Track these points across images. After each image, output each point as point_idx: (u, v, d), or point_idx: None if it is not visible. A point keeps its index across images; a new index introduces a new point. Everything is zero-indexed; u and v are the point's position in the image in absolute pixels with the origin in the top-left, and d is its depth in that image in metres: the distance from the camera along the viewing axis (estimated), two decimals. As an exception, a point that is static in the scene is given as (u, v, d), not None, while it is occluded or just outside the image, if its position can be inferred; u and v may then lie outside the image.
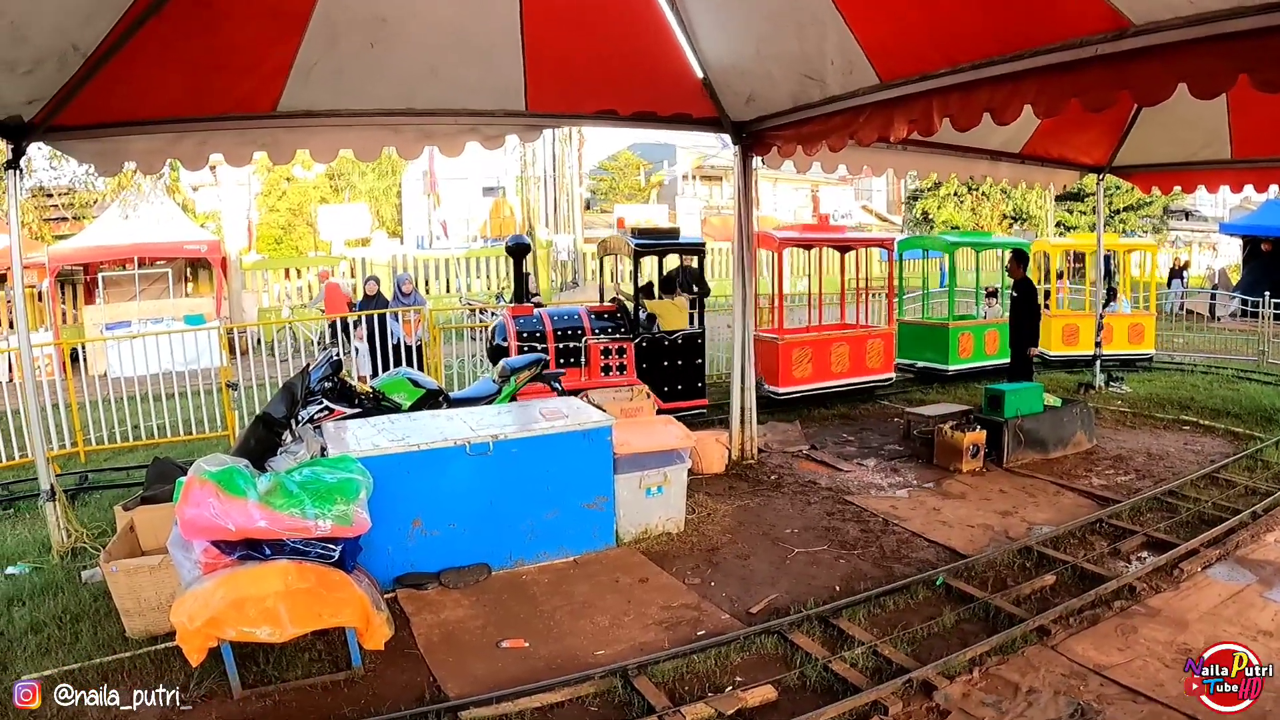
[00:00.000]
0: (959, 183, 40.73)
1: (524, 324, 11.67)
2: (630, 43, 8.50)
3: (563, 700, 5.28)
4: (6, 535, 9.06)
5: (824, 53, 7.72)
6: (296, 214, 41.62)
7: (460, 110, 8.84)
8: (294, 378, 8.09)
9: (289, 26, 7.62)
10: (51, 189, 29.97)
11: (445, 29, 7.97)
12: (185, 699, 5.49)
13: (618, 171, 51.97)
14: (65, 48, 6.97)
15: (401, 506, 6.81)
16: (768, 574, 7.09)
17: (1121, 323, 17.54)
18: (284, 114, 8.39)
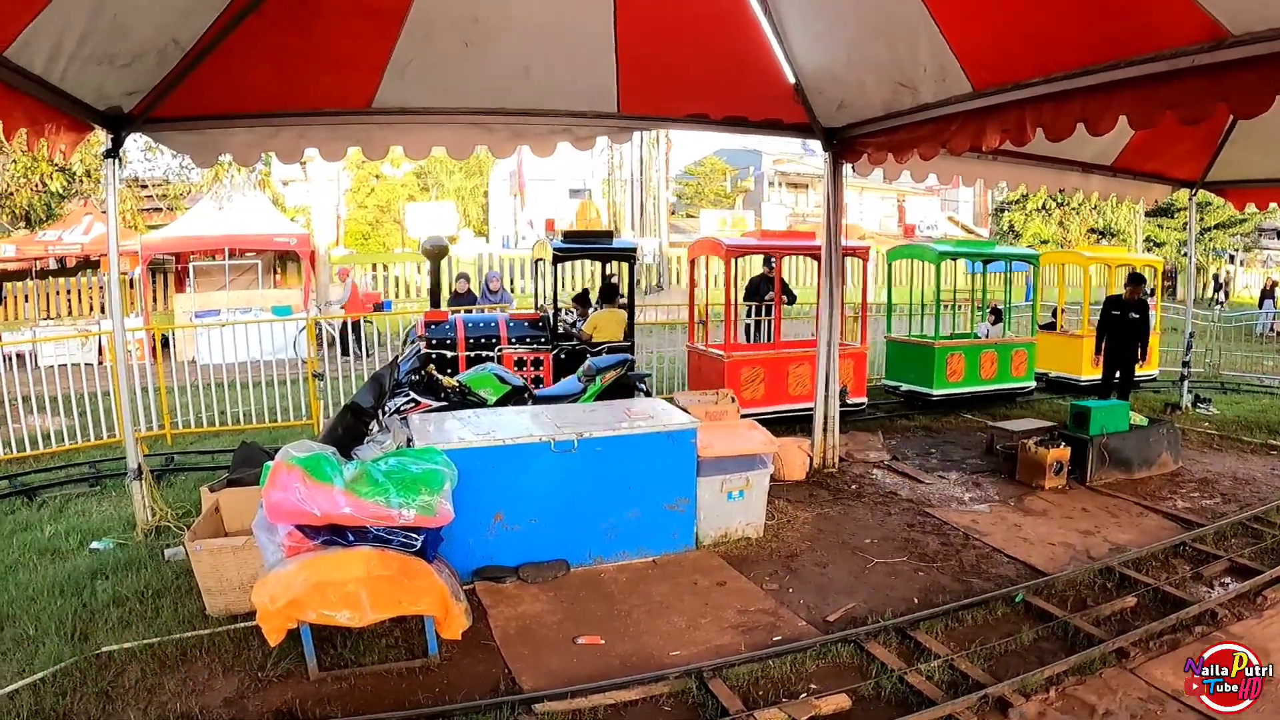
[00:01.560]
0: (1048, 196, 40.13)
1: (435, 331, 11.37)
2: (723, 47, 8.48)
3: (637, 699, 5.28)
4: (92, 511, 9.31)
5: (917, 60, 7.66)
6: (384, 211, 42.26)
7: (552, 111, 8.91)
8: (383, 369, 8.18)
9: (385, 25, 7.74)
10: (146, 180, 30.59)
11: (539, 30, 8.04)
12: (262, 677, 5.61)
13: (703, 176, 52.06)
14: (165, 42, 7.13)
15: (484, 500, 6.86)
16: (846, 583, 7.04)
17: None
18: (378, 110, 8.53)
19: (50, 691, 5.50)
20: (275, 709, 5.27)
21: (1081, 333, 16.16)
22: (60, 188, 25.61)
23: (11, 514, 9.40)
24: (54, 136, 7.09)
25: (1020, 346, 14.92)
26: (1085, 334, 15.66)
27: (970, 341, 15.04)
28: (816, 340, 13.30)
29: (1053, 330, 16.88)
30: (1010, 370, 14.67)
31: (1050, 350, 16.22)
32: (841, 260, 10.44)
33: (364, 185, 43.43)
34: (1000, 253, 16.70)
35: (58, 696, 5.45)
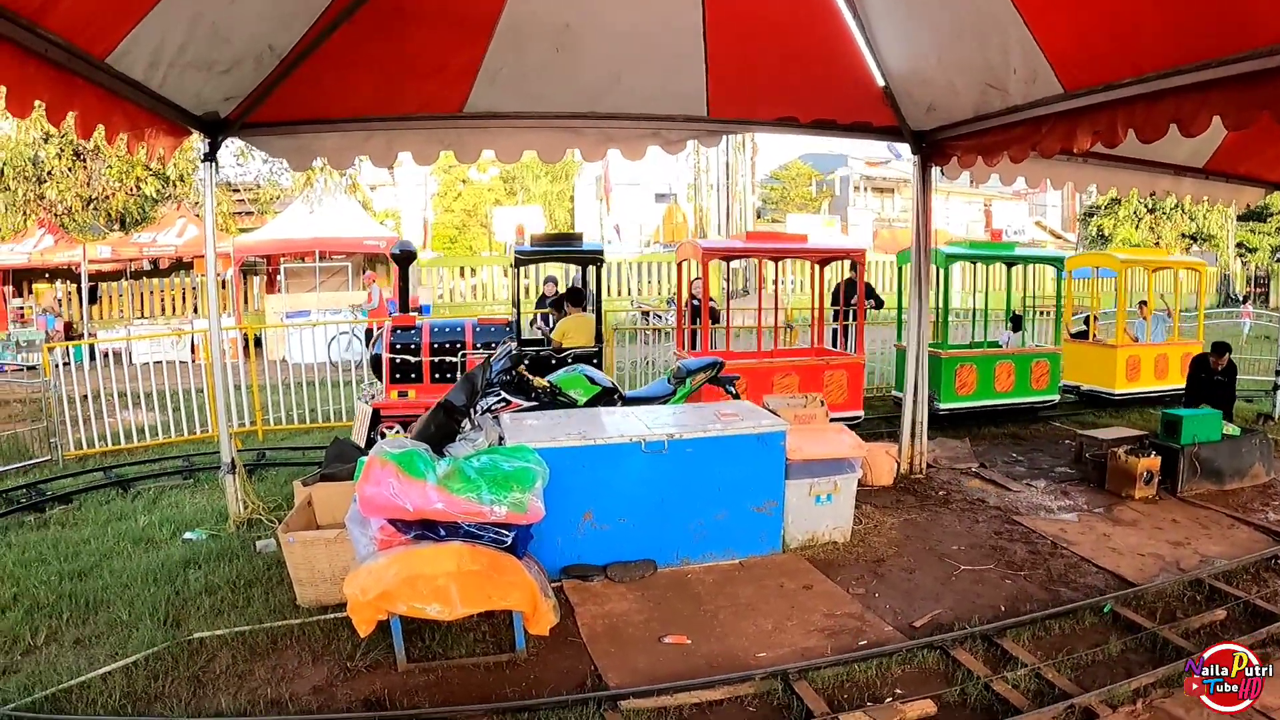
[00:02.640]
0: (1138, 200, 39.42)
1: (400, 336, 11.16)
2: (811, 50, 8.46)
3: (722, 698, 5.29)
4: (185, 503, 9.59)
5: (1007, 61, 7.57)
6: (471, 215, 42.72)
7: (642, 115, 8.97)
8: (476, 368, 8.26)
9: (476, 31, 7.85)
10: (238, 185, 31.25)
11: (629, 35, 8.10)
12: (351, 667, 5.73)
13: (789, 181, 51.91)
14: (262, 49, 7.31)
15: (574, 499, 6.91)
16: (932, 589, 6.98)
17: (1175, 352, 15.24)
18: (470, 115, 8.65)
19: (142, 675, 5.68)
20: (364, 698, 5.37)
21: (1115, 342, 15.17)
22: (155, 191, 26.28)
23: (107, 504, 9.74)
24: (153, 141, 7.29)
25: (1041, 357, 13.97)
26: (1119, 343, 15.00)
27: (982, 351, 13.90)
28: (813, 350, 13.58)
29: (1085, 339, 15.96)
30: (1030, 382, 13.68)
31: (1082, 361, 15.31)
32: (929, 265, 10.31)
33: (451, 190, 43.94)
34: (1020, 255, 15.59)
35: (149, 680, 5.63)
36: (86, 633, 6.44)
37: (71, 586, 7.26)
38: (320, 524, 7.11)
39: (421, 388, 10.95)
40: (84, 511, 9.54)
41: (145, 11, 5.76)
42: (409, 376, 10.98)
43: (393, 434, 10.17)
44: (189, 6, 6.03)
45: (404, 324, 11.25)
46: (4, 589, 7.28)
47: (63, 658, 6.03)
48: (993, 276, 16.98)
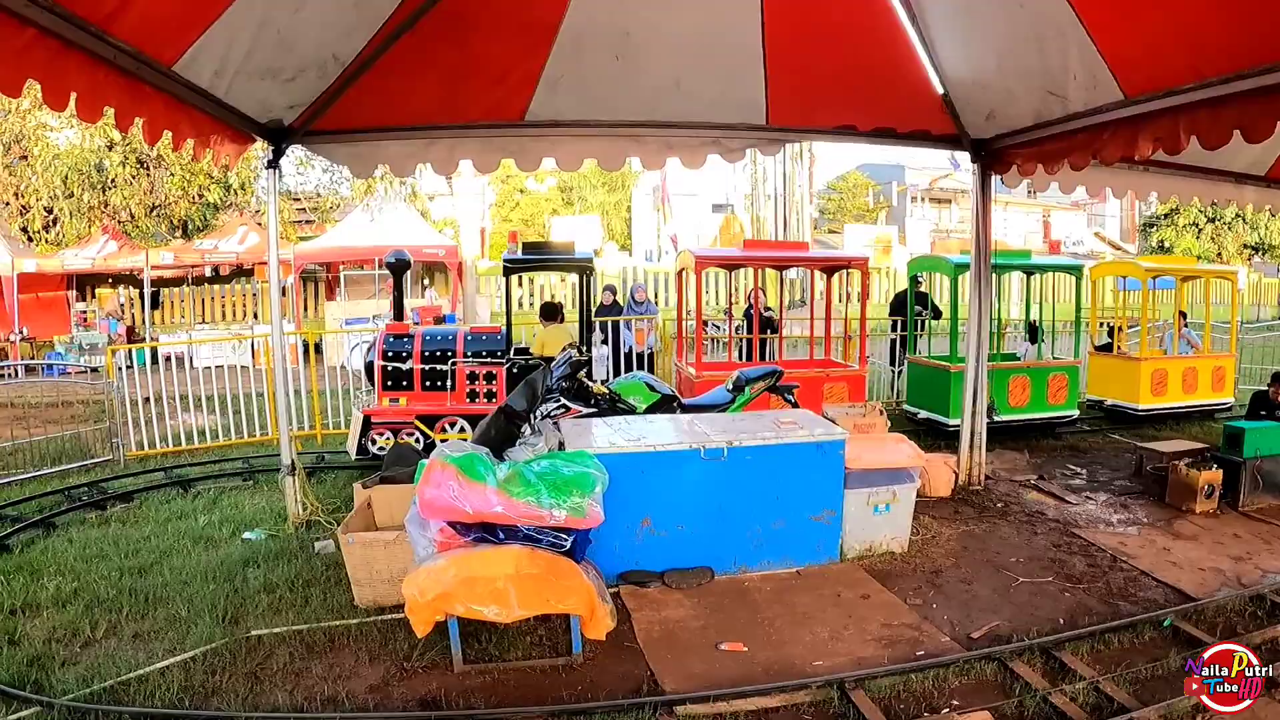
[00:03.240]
0: (1198, 210, 38.88)
1: (393, 343, 11.28)
2: (870, 58, 8.42)
3: (778, 705, 5.28)
4: (245, 504, 9.74)
5: (1066, 67, 7.48)
6: (528, 224, 42.97)
7: (702, 123, 8.99)
8: (536, 374, 8.32)
9: (538, 39, 7.89)
10: (298, 194, 31.64)
11: (688, 43, 8.10)
12: (408, 667, 5.79)
13: (846, 192, 51.71)
14: (326, 58, 7.41)
15: (632, 505, 6.92)
16: (990, 600, 6.92)
17: (1206, 365, 14.61)
18: (531, 123, 8.71)
19: (200, 669, 5.79)
20: (420, 698, 5.42)
21: (1141, 355, 14.38)
22: (217, 199, 26.66)
23: (167, 503, 9.90)
24: (218, 147, 7.42)
25: (1059, 371, 13.33)
26: (1145, 357, 14.26)
27: (994, 365, 12.74)
28: (816, 362, 13.24)
29: (1109, 352, 15.29)
30: (1046, 397, 13.13)
31: (1106, 375, 14.70)
32: (990, 274, 10.23)
33: (508, 199, 44.25)
34: (1036, 263, 14.76)
35: (207, 674, 5.74)
36: (145, 627, 6.57)
37: (131, 582, 7.42)
38: (379, 526, 7.18)
39: (412, 395, 11.12)
40: (144, 510, 9.70)
41: (212, 20, 5.86)
42: (400, 384, 11.13)
43: (383, 440, 10.50)
44: (255, 15, 6.11)
45: (398, 332, 11.38)
46: (65, 583, 7.45)
47: (121, 651, 6.16)
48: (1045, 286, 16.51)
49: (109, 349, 13.97)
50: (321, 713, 5.26)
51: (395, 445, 8.35)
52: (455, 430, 10.93)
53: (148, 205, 26.54)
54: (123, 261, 24.41)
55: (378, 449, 10.66)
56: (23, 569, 7.85)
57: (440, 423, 10.85)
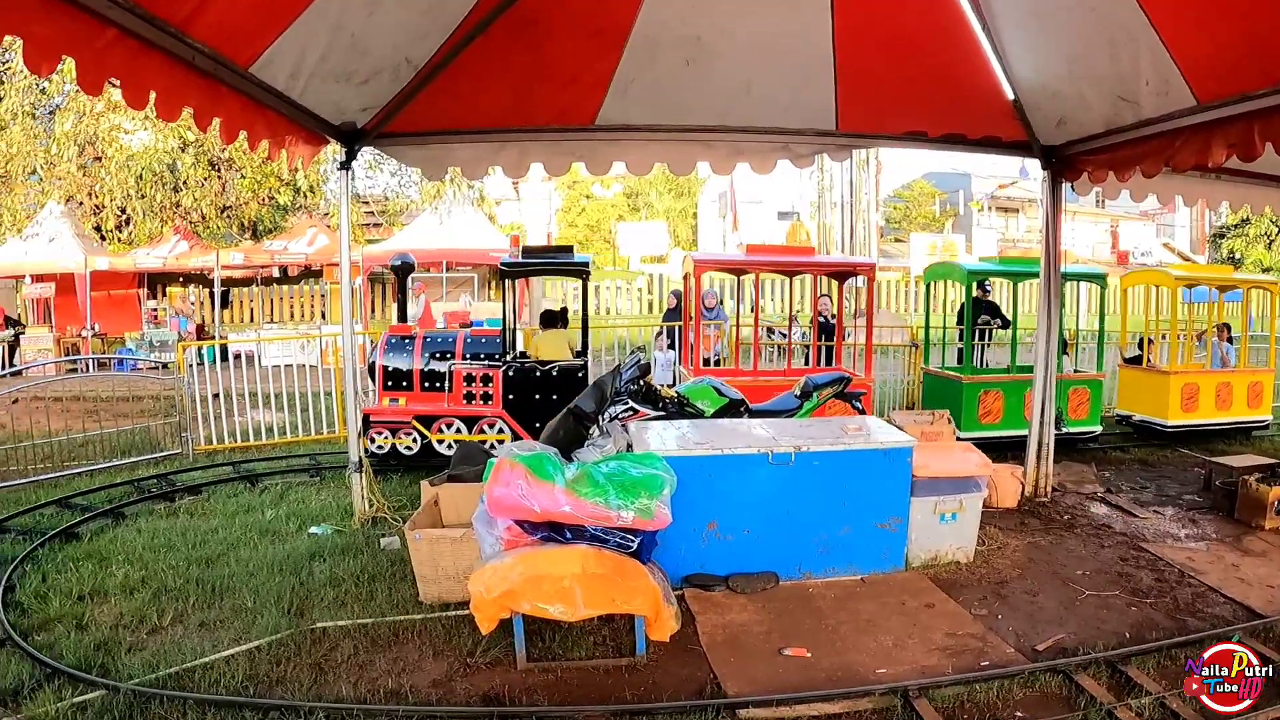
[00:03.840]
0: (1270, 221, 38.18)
1: (395, 345, 11.51)
2: (941, 63, 8.35)
3: (840, 712, 5.26)
4: (311, 499, 9.91)
5: (1138, 72, 7.36)
6: (594, 230, 43.20)
7: (772, 129, 8.97)
8: (605, 376, 8.37)
9: (609, 44, 7.93)
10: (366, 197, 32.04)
11: (758, 48, 8.10)
12: (471, 663, 5.84)
13: (912, 200, 51.39)
14: (399, 61, 7.51)
15: (699, 508, 6.91)
16: (1056, 613, 6.83)
17: (1241, 380, 13.79)
18: (602, 127, 8.77)
19: (265, 659, 5.90)
20: (483, 693, 5.47)
21: (1170, 368, 13.73)
22: (287, 201, 27.02)
23: (235, 497, 10.09)
24: (293, 148, 7.53)
25: (1081, 384, 12.84)
26: (1173, 370, 13.62)
27: (1009, 376, 12.82)
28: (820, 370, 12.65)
29: (1139, 365, 14.39)
30: (1066, 411, 12.56)
31: (1136, 389, 13.99)
32: (1059, 283, 10.10)
33: (574, 205, 44.53)
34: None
35: (272, 664, 5.84)
36: (211, 617, 6.69)
37: (198, 572, 7.57)
38: (445, 523, 7.25)
39: (411, 395, 11.34)
40: (212, 503, 9.89)
41: (288, 23, 5.96)
42: (400, 384, 11.36)
43: (381, 439, 10.78)
44: (330, 18, 6.20)
45: (400, 333, 11.60)
46: (133, 571, 7.62)
47: (187, 639, 6.28)
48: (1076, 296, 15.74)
49: (180, 346, 14.22)
50: (385, 705, 5.30)
51: (462, 444, 8.41)
52: (452, 431, 11.09)
53: (219, 206, 27.00)
54: (193, 261, 24.79)
55: (376, 447, 11.00)
56: (91, 556, 8.04)
57: (437, 423, 11.01)
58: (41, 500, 10.00)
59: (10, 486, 10.64)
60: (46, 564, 7.91)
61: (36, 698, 5.45)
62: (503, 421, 11.26)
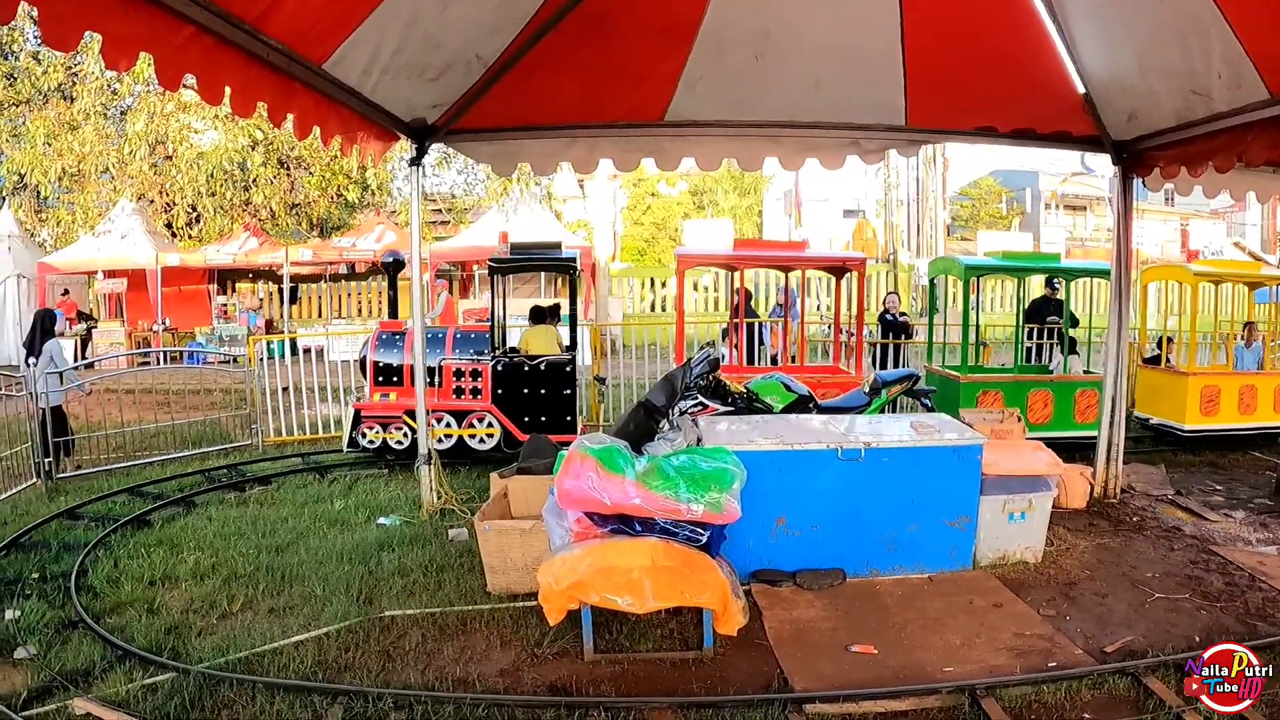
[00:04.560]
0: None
1: (386, 340, 11.62)
2: (1010, 58, 8.26)
3: (907, 709, 5.24)
4: (380, 491, 10.04)
5: (1210, 66, 7.21)
6: (660, 228, 43.28)
7: (841, 124, 8.95)
8: (675, 370, 8.40)
9: (678, 40, 7.93)
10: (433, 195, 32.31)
11: (827, 43, 8.06)
12: (538, 654, 5.89)
13: (979, 199, 50.88)
14: (470, 57, 7.57)
15: (768, 504, 6.89)
16: (1125, 615, 6.75)
17: (1267, 383, 12.89)
18: (671, 123, 8.78)
19: (334, 646, 6.00)
20: (550, 683, 5.51)
21: (1187, 369, 12.83)
22: (354, 199, 27.32)
23: (304, 488, 10.27)
24: (365, 144, 7.63)
25: (1089, 386, 12.03)
26: (1194, 371, 12.76)
27: (1012, 377, 12.52)
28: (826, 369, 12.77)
29: (1158, 365, 13.71)
30: (1073, 414, 12.16)
31: (1153, 390, 13.28)
32: (1130, 281, 9.95)
33: (640, 203, 44.61)
34: (1061, 267, 13.89)
35: (341, 650, 5.94)
36: (281, 603, 6.83)
37: (268, 560, 7.72)
38: (514, 515, 7.33)
39: (402, 390, 11.39)
40: (282, 493, 10.09)
41: (361, 19, 6.02)
42: (391, 379, 11.52)
43: (372, 433, 10.92)
44: (403, 15, 6.27)
45: (391, 329, 11.74)
46: (204, 558, 7.80)
47: (257, 625, 6.41)
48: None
49: (250, 340, 14.42)
50: (452, 692, 5.36)
51: (533, 437, 8.46)
52: (441, 425, 11.22)
53: (288, 204, 27.36)
54: (262, 257, 25.11)
55: (367, 442, 11.21)
56: (163, 543, 8.24)
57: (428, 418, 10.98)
58: (113, 489, 10.24)
59: (83, 475, 10.90)
60: (119, 550, 8.11)
61: (108, 678, 5.60)
62: (492, 416, 11.40)
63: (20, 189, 27.97)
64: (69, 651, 6.06)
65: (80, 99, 25.65)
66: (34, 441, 10.51)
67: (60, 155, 25.02)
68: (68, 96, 26.69)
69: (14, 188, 27.80)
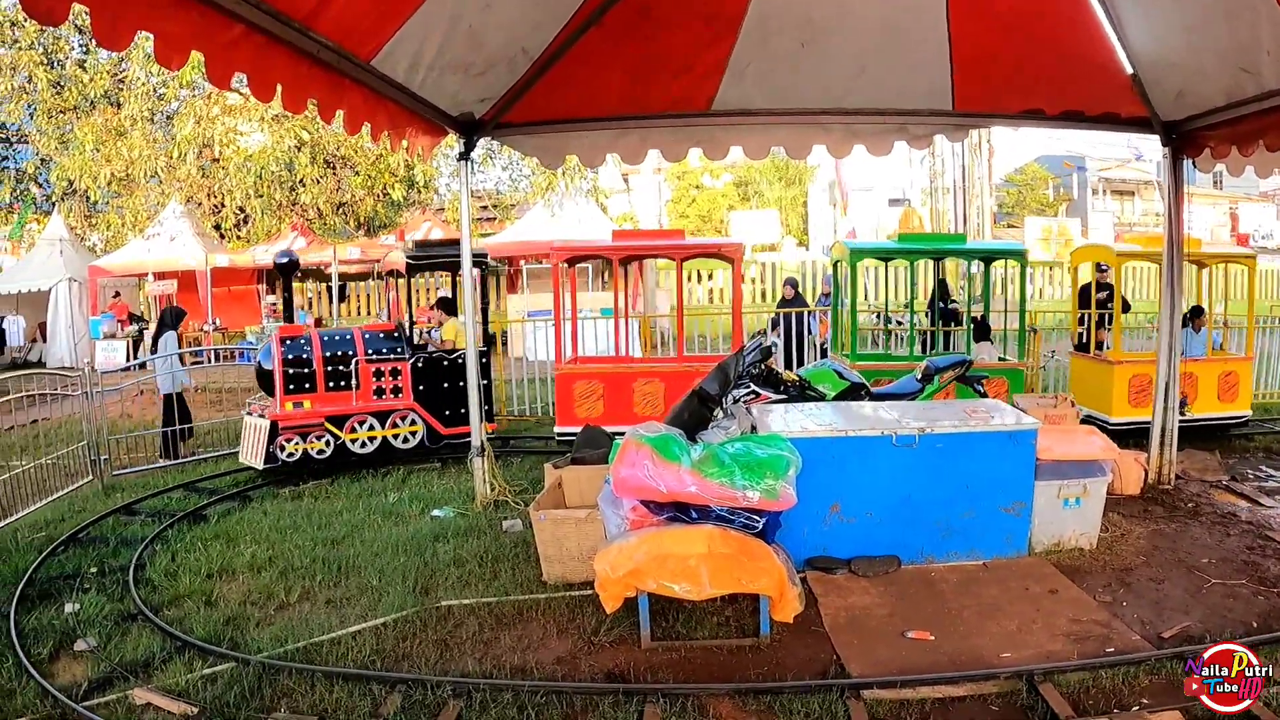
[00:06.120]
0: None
1: (291, 346, 10.94)
2: (1056, 38, 8.18)
3: (964, 695, 5.24)
4: (433, 484, 10.17)
5: (1258, 42, 7.03)
6: (705, 220, 43.30)
7: (888, 110, 8.91)
8: (729, 358, 8.41)
9: (723, 29, 7.93)
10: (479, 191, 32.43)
11: (873, 28, 8.03)
12: (595, 641, 5.94)
13: (1025, 185, 50.38)
14: (515, 52, 7.62)
15: (822, 490, 6.87)
16: (1181, 601, 6.69)
17: (1210, 371, 12.04)
18: (718, 112, 8.78)
19: (391, 635, 6.09)
20: (607, 670, 5.56)
21: (1114, 357, 11.93)
22: (400, 197, 27.49)
23: (358, 481, 10.40)
24: (413, 139, 7.71)
25: (996, 374, 11.46)
26: (1120, 359, 11.81)
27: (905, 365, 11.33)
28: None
29: (1088, 353, 12.83)
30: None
31: (1082, 379, 12.52)
32: (1182, 266, 9.84)
33: (684, 196, 44.66)
34: (954, 249, 13.42)
35: (398, 640, 6.02)
36: (338, 594, 6.94)
37: (324, 552, 7.84)
38: (569, 505, 7.35)
39: (316, 397, 10.89)
40: (336, 487, 10.23)
41: (407, 16, 6.09)
42: (303, 386, 10.88)
43: (291, 445, 10.39)
44: (448, 11, 6.34)
45: (291, 334, 11.17)
46: (260, 550, 7.92)
47: (315, 615, 6.53)
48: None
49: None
50: (510, 680, 5.42)
51: (586, 428, 8.48)
52: (364, 428, 10.94)
53: (335, 203, 27.55)
54: (311, 256, 25.27)
55: (286, 455, 10.50)
56: (219, 537, 8.39)
57: (350, 422, 10.91)
58: (168, 485, 10.41)
59: (139, 471, 11.06)
60: (175, 544, 8.27)
61: (167, 669, 5.73)
62: (415, 414, 11.26)
63: (70, 194, 28.34)
64: (128, 643, 6.19)
65: (127, 105, 25.93)
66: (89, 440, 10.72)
67: (109, 160, 25.29)
68: (114, 103, 26.99)
69: (63, 193, 28.13)
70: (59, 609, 6.83)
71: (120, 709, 5.28)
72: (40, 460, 10.02)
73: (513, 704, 5.14)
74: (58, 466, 10.29)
